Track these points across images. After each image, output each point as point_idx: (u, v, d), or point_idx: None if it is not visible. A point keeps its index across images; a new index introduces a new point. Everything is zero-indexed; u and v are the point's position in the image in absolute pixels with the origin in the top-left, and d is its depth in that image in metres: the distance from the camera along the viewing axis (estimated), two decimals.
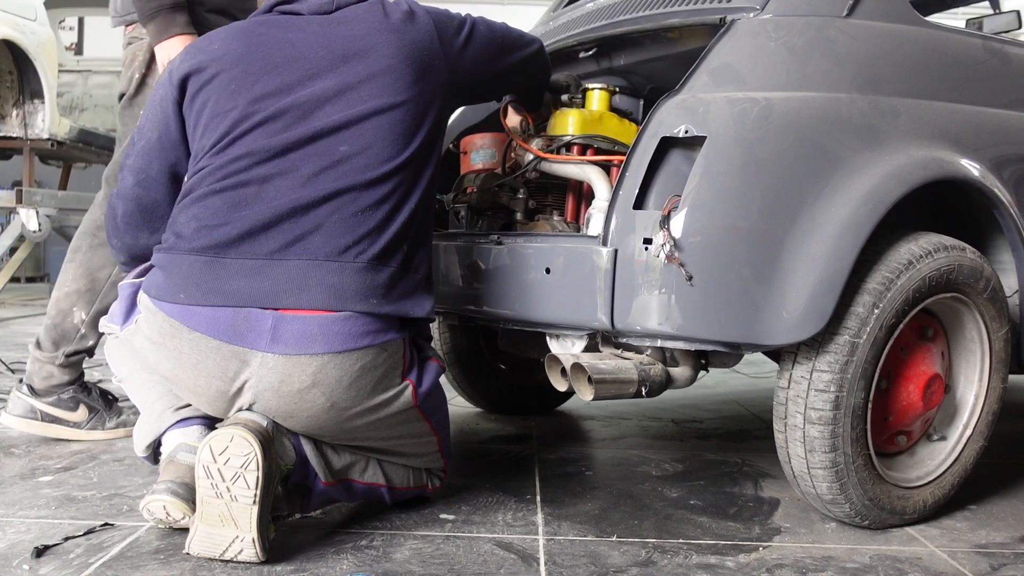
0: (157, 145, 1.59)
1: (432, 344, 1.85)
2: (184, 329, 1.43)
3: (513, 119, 2.00)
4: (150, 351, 1.52)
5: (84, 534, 1.51)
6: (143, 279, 1.56)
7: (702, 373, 1.74)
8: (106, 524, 1.56)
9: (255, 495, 1.35)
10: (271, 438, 1.43)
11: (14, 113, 5.50)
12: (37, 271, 8.34)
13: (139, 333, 1.53)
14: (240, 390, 1.45)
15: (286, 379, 1.42)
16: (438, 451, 1.69)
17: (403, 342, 1.52)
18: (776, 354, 1.67)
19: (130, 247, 1.68)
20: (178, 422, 1.57)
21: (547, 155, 1.86)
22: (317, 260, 1.42)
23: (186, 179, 1.55)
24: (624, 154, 1.71)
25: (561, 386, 1.66)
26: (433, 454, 1.68)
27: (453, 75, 1.61)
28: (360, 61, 1.51)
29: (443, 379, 2.62)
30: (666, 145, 1.55)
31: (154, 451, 1.62)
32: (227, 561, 1.39)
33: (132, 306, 1.60)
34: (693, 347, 1.55)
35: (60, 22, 6.90)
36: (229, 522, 1.36)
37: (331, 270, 1.42)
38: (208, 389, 1.47)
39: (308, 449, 1.52)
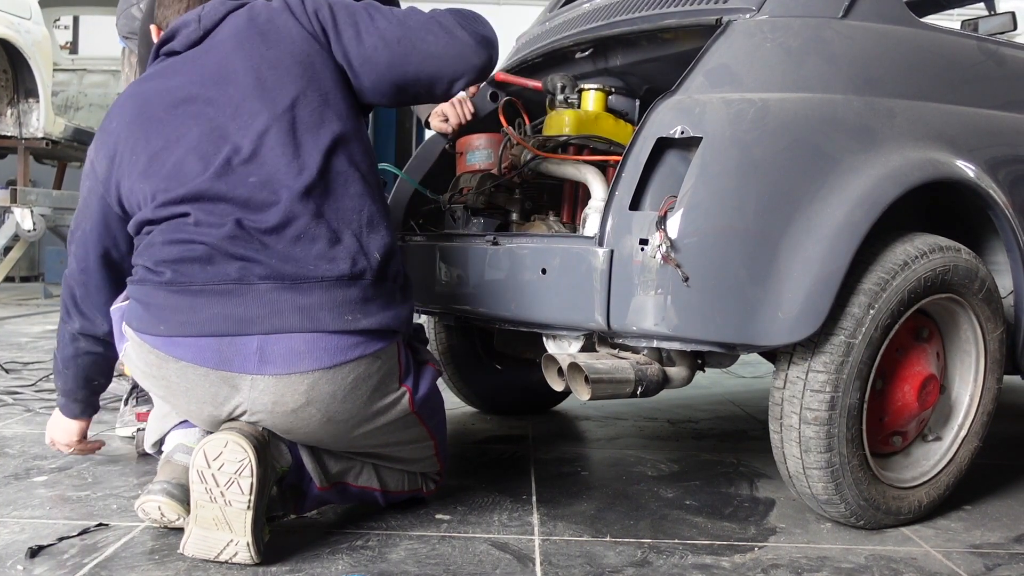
0: (92, 235, 1.58)
1: (428, 347, 1.85)
2: (170, 359, 1.41)
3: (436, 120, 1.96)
4: (141, 378, 1.51)
5: (79, 534, 1.51)
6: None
7: (699, 373, 1.74)
8: (101, 524, 1.56)
9: (249, 500, 1.35)
10: (266, 443, 1.43)
11: (9, 112, 5.49)
12: (31, 270, 8.32)
13: (129, 360, 1.52)
14: (232, 414, 1.43)
15: (279, 400, 1.40)
16: (435, 455, 1.68)
17: (396, 347, 1.50)
18: (772, 355, 1.67)
19: (87, 327, 1.65)
20: (181, 423, 1.57)
21: (545, 153, 1.86)
22: (284, 283, 1.38)
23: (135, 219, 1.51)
24: (620, 154, 1.71)
25: (558, 386, 1.66)
26: (430, 458, 1.68)
27: (343, 67, 1.52)
28: (233, 86, 1.45)
29: (439, 381, 2.64)
30: (662, 146, 1.55)
31: (161, 448, 1.62)
32: (222, 562, 1.38)
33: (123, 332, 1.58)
34: (689, 348, 1.55)
35: (55, 21, 6.89)
36: (224, 526, 1.36)
37: (300, 291, 1.38)
38: (200, 414, 1.46)
39: (304, 453, 1.52)
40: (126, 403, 2.15)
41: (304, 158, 1.42)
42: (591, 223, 1.72)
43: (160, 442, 1.62)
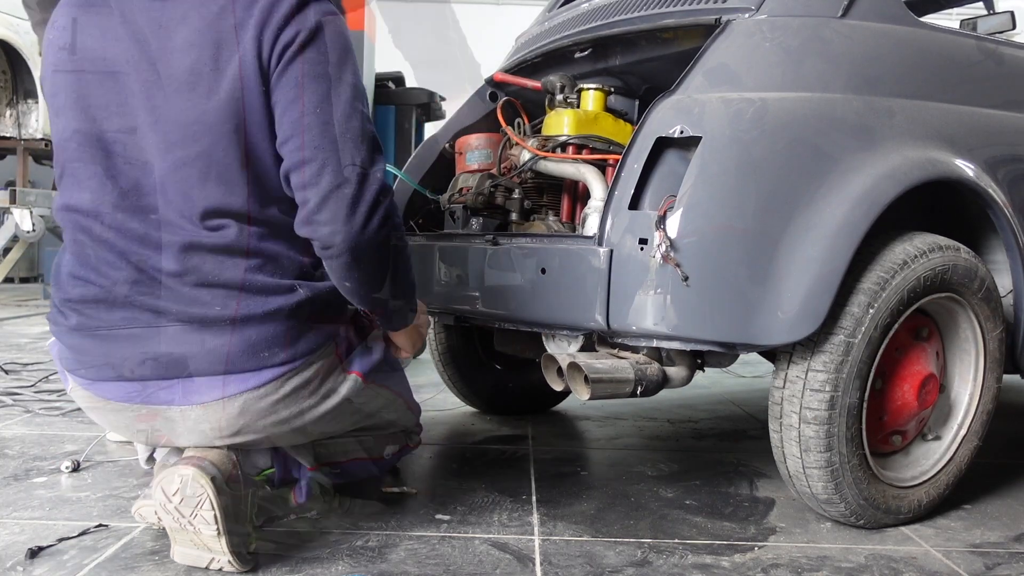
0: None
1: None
2: (99, 399, 1.39)
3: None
4: (87, 412, 1.49)
5: (78, 535, 1.51)
6: None
7: (698, 373, 1.74)
8: (100, 525, 1.56)
9: (218, 528, 1.31)
10: (231, 462, 1.39)
11: (8, 113, 5.50)
12: (31, 271, 8.31)
13: (75, 394, 1.47)
14: (177, 441, 1.41)
15: (215, 426, 1.36)
16: (407, 409, 1.67)
17: (333, 344, 1.44)
18: (771, 354, 1.67)
19: None
20: None
21: (545, 153, 1.86)
22: (193, 325, 1.31)
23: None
24: (619, 154, 1.71)
25: (557, 386, 1.66)
26: (405, 414, 1.67)
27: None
28: (173, 96, 1.28)
29: (436, 377, 2.64)
30: (662, 145, 1.55)
31: (153, 459, 1.62)
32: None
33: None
34: (689, 347, 1.55)
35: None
36: (202, 547, 1.35)
37: (211, 333, 1.31)
38: (150, 439, 1.45)
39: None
40: None
41: (206, 210, 1.30)
42: (591, 223, 1.72)
43: (151, 453, 1.62)
